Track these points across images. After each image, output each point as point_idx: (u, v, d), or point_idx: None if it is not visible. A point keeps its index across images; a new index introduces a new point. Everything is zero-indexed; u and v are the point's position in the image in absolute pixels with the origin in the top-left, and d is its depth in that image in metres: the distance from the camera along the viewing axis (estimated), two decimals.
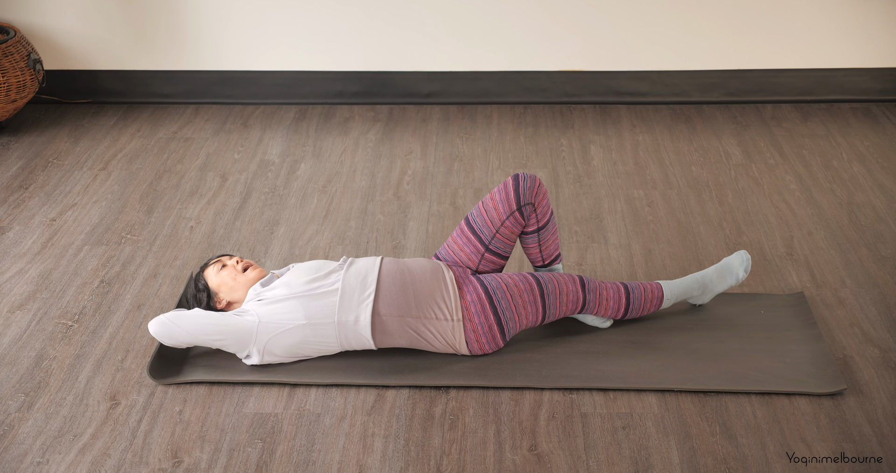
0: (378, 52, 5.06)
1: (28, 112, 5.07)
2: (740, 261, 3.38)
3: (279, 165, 4.54)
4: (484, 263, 3.22)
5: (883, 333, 3.32)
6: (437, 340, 3.11)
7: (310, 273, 3.14)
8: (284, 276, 3.18)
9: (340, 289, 3.07)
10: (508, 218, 3.18)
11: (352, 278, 3.09)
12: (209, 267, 3.25)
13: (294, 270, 3.19)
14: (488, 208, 3.19)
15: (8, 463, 2.81)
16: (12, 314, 3.47)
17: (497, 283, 3.12)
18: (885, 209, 4.10)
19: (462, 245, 3.22)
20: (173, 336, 3.07)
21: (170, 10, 4.99)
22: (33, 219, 4.08)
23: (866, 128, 4.85)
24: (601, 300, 3.23)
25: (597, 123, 4.93)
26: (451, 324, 3.08)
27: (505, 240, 3.21)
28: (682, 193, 4.26)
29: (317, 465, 2.80)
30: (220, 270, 3.22)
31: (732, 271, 3.37)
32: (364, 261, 3.17)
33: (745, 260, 3.38)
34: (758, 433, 2.89)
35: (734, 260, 3.39)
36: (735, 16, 4.96)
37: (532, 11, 4.96)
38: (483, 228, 3.19)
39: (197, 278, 3.25)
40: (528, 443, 2.86)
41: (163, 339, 3.08)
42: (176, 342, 3.09)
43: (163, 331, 3.07)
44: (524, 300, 3.12)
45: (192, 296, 3.25)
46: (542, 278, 3.17)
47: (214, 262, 3.26)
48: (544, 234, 3.25)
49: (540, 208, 3.20)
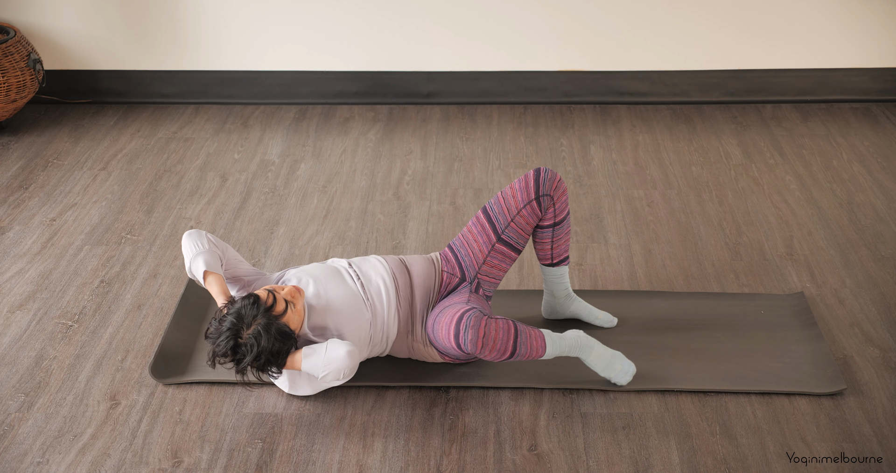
0: (378, 52, 5.06)
1: (28, 112, 5.07)
2: (625, 368, 3.08)
3: (279, 165, 4.54)
4: (493, 254, 3.19)
5: (883, 333, 3.32)
6: (416, 354, 3.15)
7: (343, 311, 2.99)
8: (325, 320, 2.98)
9: (372, 336, 3.07)
10: (525, 207, 3.17)
11: (378, 320, 3.06)
12: (281, 317, 2.85)
13: (331, 311, 2.98)
14: (507, 196, 3.19)
15: (8, 463, 2.81)
16: (12, 314, 3.47)
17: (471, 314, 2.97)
18: (885, 209, 4.10)
19: (476, 234, 3.20)
20: (356, 368, 2.91)
21: (170, 10, 4.99)
22: (33, 219, 4.08)
23: (866, 128, 4.85)
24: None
25: (597, 123, 4.93)
26: (425, 348, 3.12)
27: (519, 230, 3.19)
28: (682, 193, 4.26)
29: (317, 465, 2.80)
30: (291, 312, 2.89)
31: (614, 368, 3.06)
32: (377, 282, 3.09)
33: (629, 374, 3.08)
34: (758, 433, 2.89)
35: (624, 364, 3.08)
36: (735, 16, 4.96)
37: (532, 11, 4.96)
38: (499, 215, 3.18)
39: (279, 330, 2.82)
40: (528, 443, 2.86)
41: (350, 374, 2.88)
42: (352, 374, 2.90)
43: (356, 363, 2.89)
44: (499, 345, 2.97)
45: (276, 352, 2.82)
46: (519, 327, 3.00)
47: (272, 312, 2.85)
48: (559, 231, 3.25)
49: (559, 203, 3.20)
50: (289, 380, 3.01)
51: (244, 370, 2.84)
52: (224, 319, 2.83)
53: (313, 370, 2.87)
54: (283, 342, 2.82)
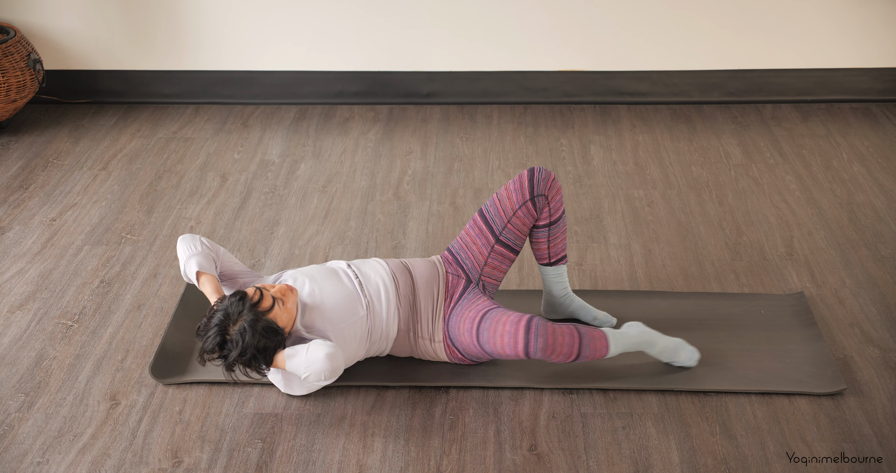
0: (378, 52, 5.06)
1: (28, 112, 5.07)
2: (689, 355, 3.14)
3: (279, 165, 4.54)
4: (493, 256, 3.20)
5: (883, 333, 3.32)
6: (419, 352, 3.15)
7: (338, 309, 2.97)
8: (319, 317, 2.97)
9: (370, 333, 3.07)
10: (521, 208, 3.18)
11: (376, 318, 3.06)
12: (268, 313, 2.85)
13: (326, 309, 2.97)
14: (502, 197, 3.20)
15: (8, 463, 2.81)
16: (12, 314, 3.47)
17: (486, 312, 3.04)
18: (885, 209, 4.10)
19: (475, 237, 3.21)
20: (339, 370, 2.87)
21: (170, 10, 4.99)
22: (33, 219, 4.08)
23: (866, 128, 4.85)
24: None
25: (597, 123, 4.93)
26: (432, 344, 3.11)
27: (516, 231, 3.20)
28: (682, 193, 4.26)
29: (317, 465, 2.80)
30: (279, 309, 2.88)
31: (679, 357, 3.14)
32: (376, 281, 3.10)
33: (694, 358, 3.14)
34: (758, 433, 2.89)
35: (688, 351, 3.14)
36: (735, 16, 4.96)
37: (532, 11, 4.96)
38: (496, 217, 3.19)
39: (265, 326, 2.81)
40: (528, 443, 2.86)
41: (333, 376, 2.85)
42: (337, 375, 2.87)
43: (337, 365, 2.83)
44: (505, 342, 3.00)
45: (262, 349, 2.81)
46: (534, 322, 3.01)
47: (259, 309, 2.84)
48: (555, 230, 3.25)
49: (553, 202, 3.20)
50: (283, 380, 3.00)
51: (232, 367, 2.83)
52: (213, 315, 2.84)
53: (296, 371, 2.87)
54: (270, 338, 2.81)
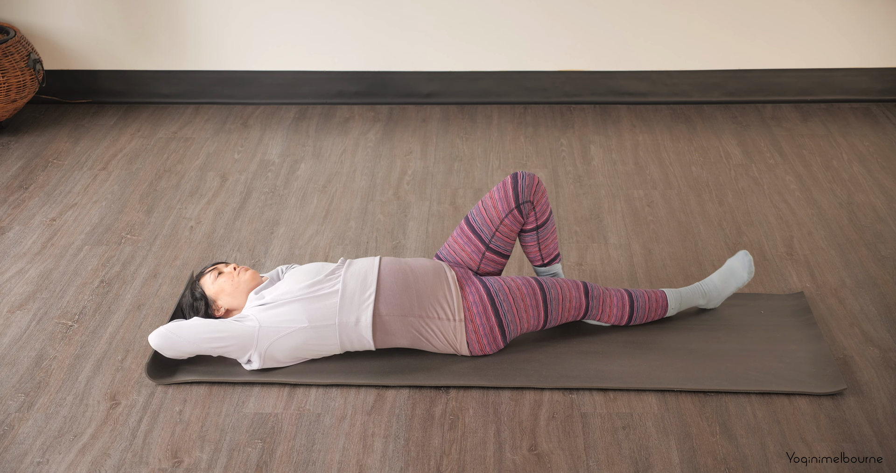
0: (378, 52, 5.06)
1: (28, 112, 5.07)
2: (742, 263, 3.37)
3: (279, 165, 4.54)
4: (485, 262, 3.22)
5: (883, 333, 3.32)
6: (438, 340, 3.11)
7: (309, 276, 3.13)
8: (283, 280, 3.17)
9: (341, 291, 3.07)
10: (507, 216, 3.18)
11: (352, 279, 3.09)
12: (205, 275, 3.22)
13: (292, 273, 3.18)
14: (487, 206, 3.20)
15: (8, 463, 2.81)
16: (12, 314, 3.47)
17: (500, 285, 3.12)
18: (885, 209, 4.10)
19: (463, 245, 3.22)
20: (175, 348, 3.06)
21: (170, 10, 4.99)
22: (33, 219, 4.08)
23: (866, 128, 4.85)
24: (604, 307, 3.23)
25: (597, 123, 4.93)
26: (452, 324, 3.08)
27: (505, 238, 3.21)
28: (682, 193, 4.26)
29: (317, 465, 2.80)
30: (217, 277, 3.20)
31: (736, 274, 3.36)
32: (363, 261, 3.17)
33: (748, 262, 3.37)
34: (758, 433, 2.89)
35: (736, 263, 3.38)
36: (735, 16, 4.96)
37: (532, 11, 4.96)
38: (483, 226, 3.20)
39: (193, 287, 3.22)
40: (528, 443, 2.86)
41: (165, 351, 3.07)
42: (178, 354, 3.08)
43: (164, 343, 3.06)
44: (526, 303, 3.12)
45: (189, 305, 3.22)
46: (545, 283, 3.17)
47: (210, 270, 3.23)
48: (543, 232, 3.26)
49: (539, 206, 3.21)
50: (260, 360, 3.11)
51: (183, 308, 3.25)
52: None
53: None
54: (194, 299, 3.20)
